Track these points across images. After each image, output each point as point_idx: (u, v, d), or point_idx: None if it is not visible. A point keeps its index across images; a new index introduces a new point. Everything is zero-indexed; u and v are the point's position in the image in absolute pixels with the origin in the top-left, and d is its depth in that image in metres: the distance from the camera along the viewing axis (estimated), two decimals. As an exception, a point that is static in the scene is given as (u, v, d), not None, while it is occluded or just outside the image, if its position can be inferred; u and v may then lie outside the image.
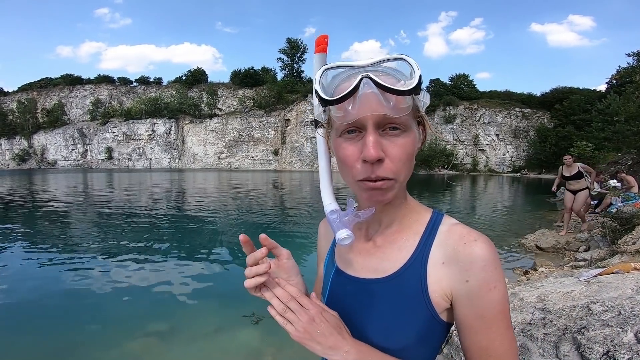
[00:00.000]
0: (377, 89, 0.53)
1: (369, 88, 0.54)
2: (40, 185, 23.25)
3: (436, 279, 0.60)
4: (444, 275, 0.60)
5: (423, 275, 0.61)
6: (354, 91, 0.54)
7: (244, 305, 3.91)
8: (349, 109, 0.55)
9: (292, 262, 0.67)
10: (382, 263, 0.66)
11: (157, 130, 71.11)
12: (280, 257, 0.66)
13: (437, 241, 0.63)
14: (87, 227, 8.81)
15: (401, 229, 0.67)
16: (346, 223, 0.62)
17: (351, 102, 0.55)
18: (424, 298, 0.60)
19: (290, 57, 74.96)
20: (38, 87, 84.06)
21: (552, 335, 1.68)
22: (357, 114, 0.55)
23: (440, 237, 0.63)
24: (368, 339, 0.63)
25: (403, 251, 0.65)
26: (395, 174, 0.57)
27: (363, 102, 0.54)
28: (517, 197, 19.67)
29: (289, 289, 0.62)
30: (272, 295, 0.61)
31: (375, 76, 0.54)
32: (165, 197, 17.06)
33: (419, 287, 0.61)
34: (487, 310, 0.56)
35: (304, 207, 13.24)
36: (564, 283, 2.83)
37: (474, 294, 0.57)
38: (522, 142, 57.85)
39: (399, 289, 0.62)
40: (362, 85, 0.54)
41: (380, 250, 0.67)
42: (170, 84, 78.31)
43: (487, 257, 0.57)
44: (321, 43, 0.67)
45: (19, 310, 3.97)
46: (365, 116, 0.55)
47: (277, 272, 0.65)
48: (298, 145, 63.30)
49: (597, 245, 5.45)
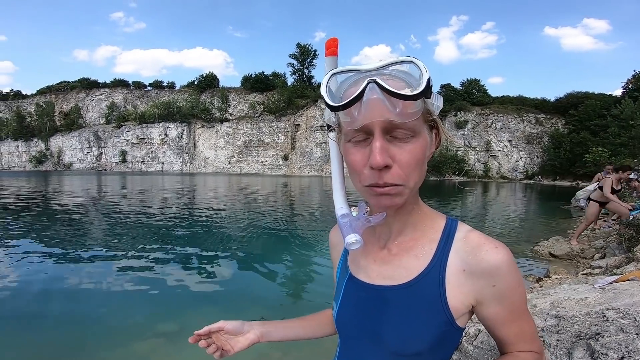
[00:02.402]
0: (383, 94, 0.52)
1: (375, 93, 0.53)
2: (57, 187, 23.82)
3: (456, 285, 0.62)
4: (466, 281, 0.61)
5: (442, 283, 0.62)
6: (359, 97, 0.53)
7: (252, 309, 3.94)
8: (355, 115, 0.55)
9: (228, 326, 0.83)
10: (398, 270, 0.66)
11: (169, 134, 72.37)
12: (219, 330, 0.83)
13: (454, 248, 0.63)
14: (99, 228, 8.98)
15: (416, 236, 0.67)
16: (356, 227, 0.62)
17: (357, 107, 0.54)
18: (442, 304, 0.61)
19: (300, 62, 75.48)
20: (56, 91, 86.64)
21: (565, 342, 1.65)
22: (363, 119, 0.54)
23: (457, 244, 0.64)
24: (382, 344, 0.64)
25: (420, 259, 0.65)
26: (403, 180, 0.56)
27: (369, 108, 0.53)
28: (531, 204, 19.33)
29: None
30: None
31: (382, 80, 0.52)
32: (176, 200, 17.28)
33: (437, 294, 0.62)
34: (515, 305, 0.62)
35: (313, 212, 13.25)
36: (579, 290, 2.77)
37: (503, 295, 0.60)
38: (535, 148, 57.02)
39: (416, 295, 0.63)
40: (367, 91, 0.53)
41: (396, 258, 0.67)
42: (182, 88, 79.79)
43: (510, 261, 0.60)
44: (331, 46, 0.67)
45: (27, 309, 4.03)
46: (372, 122, 0.54)
47: (226, 336, 0.85)
48: (308, 150, 63.52)
49: (612, 253, 5.32)
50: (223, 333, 0.84)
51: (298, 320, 0.93)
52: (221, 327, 0.83)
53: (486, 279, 0.60)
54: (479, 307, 0.63)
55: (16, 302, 4.18)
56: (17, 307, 4.07)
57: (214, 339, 0.84)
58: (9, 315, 3.85)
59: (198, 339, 0.82)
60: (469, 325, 2.37)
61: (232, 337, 0.84)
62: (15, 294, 4.40)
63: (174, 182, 31.60)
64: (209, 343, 0.83)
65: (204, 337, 0.83)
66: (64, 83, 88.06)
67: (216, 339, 0.84)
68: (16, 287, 4.66)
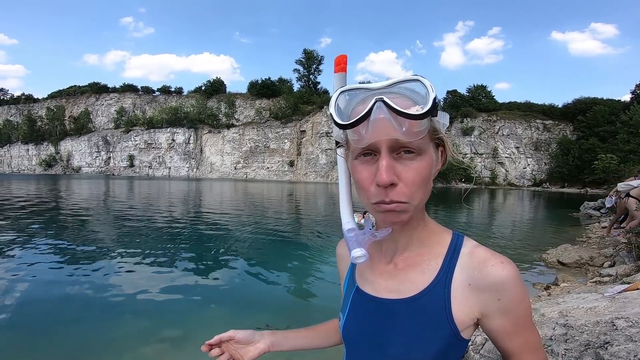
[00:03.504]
0: (390, 112, 0.54)
1: (382, 112, 0.54)
2: (66, 190, 24.13)
3: (461, 299, 0.63)
4: (472, 296, 0.62)
5: (447, 297, 0.63)
6: (367, 115, 0.55)
7: (257, 316, 3.94)
8: (362, 133, 0.56)
9: (238, 335, 0.84)
10: (404, 284, 0.67)
11: (176, 139, 73.03)
12: (230, 340, 0.84)
13: (460, 263, 0.65)
14: (106, 232, 9.06)
15: (422, 251, 0.68)
16: (362, 242, 0.63)
17: (365, 126, 0.56)
18: (447, 318, 0.62)
19: (306, 68, 75.71)
20: (67, 95, 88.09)
21: (574, 351, 1.64)
22: (370, 138, 0.56)
23: (463, 259, 0.65)
24: (387, 354, 0.65)
25: (426, 274, 0.66)
26: (408, 198, 0.58)
27: (376, 127, 0.55)
28: (539, 211, 19.10)
29: None
30: None
31: (389, 99, 0.54)
32: (183, 205, 17.41)
33: (443, 308, 0.63)
34: (520, 317, 0.62)
35: (319, 219, 13.24)
36: (588, 299, 2.74)
37: (508, 309, 0.61)
38: (543, 154, 56.43)
39: (422, 309, 0.64)
40: (374, 109, 0.54)
41: (402, 273, 0.68)
42: (190, 93, 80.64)
43: (515, 276, 0.61)
44: (340, 62, 0.68)
45: (34, 313, 4.04)
46: (379, 140, 0.56)
47: (236, 345, 0.85)
48: (313, 156, 63.58)
49: (622, 261, 5.23)
50: (233, 342, 0.85)
51: (306, 330, 0.94)
52: (232, 336, 0.84)
53: (491, 293, 0.61)
54: (484, 319, 0.64)
55: (23, 307, 4.20)
56: (24, 311, 4.10)
57: (224, 347, 0.85)
58: (16, 320, 3.88)
59: (210, 348, 0.84)
60: (475, 334, 2.36)
61: (242, 347, 0.85)
62: (22, 299, 4.44)
63: (180, 187, 31.83)
64: (222, 351, 0.84)
65: (215, 346, 0.84)
66: (75, 87, 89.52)
67: (226, 348, 0.85)
68: (23, 291, 4.70)
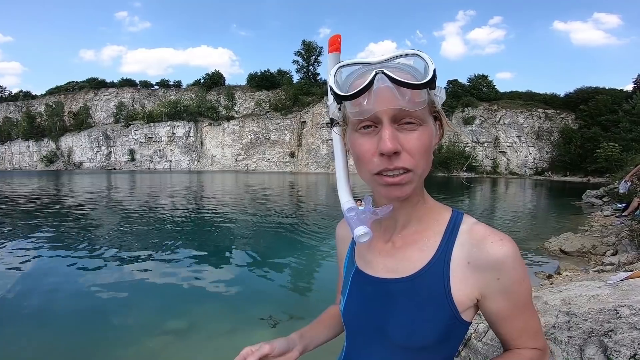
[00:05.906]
0: (392, 83, 0.54)
1: (384, 82, 0.54)
2: (69, 186, 24.20)
3: (461, 279, 0.61)
4: (471, 274, 0.61)
5: (446, 276, 0.61)
6: (369, 86, 0.55)
7: (261, 308, 3.95)
8: (364, 104, 0.56)
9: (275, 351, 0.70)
10: (402, 263, 0.66)
11: (177, 132, 72.84)
12: (267, 356, 0.70)
13: (459, 241, 0.63)
14: (109, 226, 9.10)
15: (421, 229, 0.67)
16: (364, 220, 0.61)
17: (366, 97, 0.55)
18: (447, 298, 0.61)
19: (305, 59, 75.15)
20: (65, 91, 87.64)
21: (577, 339, 1.63)
22: (372, 108, 0.55)
23: (462, 236, 0.63)
24: (388, 338, 0.64)
25: (424, 251, 0.65)
26: (413, 166, 0.57)
27: (378, 97, 0.55)
28: (540, 200, 19.10)
29: None
30: None
31: (389, 72, 0.54)
32: (185, 198, 17.44)
33: (442, 287, 0.61)
34: (520, 300, 0.61)
35: (320, 209, 13.25)
36: (590, 287, 2.73)
37: (508, 289, 0.60)
38: (545, 143, 56.22)
39: (420, 288, 0.63)
40: (376, 80, 0.54)
41: (400, 251, 0.67)
42: (189, 87, 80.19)
43: (515, 255, 0.59)
44: (334, 43, 0.68)
45: (40, 307, 4.08)
46: (381, 110, 0.55)
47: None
48: (314, 147, 63.45)
49: (624, 249, 5.23)
50: (271, 358, 0.72)
51: (321, 323, 0.88)
52: (268, 352, 0.71)
53: (490, 272, 0.59)
54: (484, 301, 0.62)
55: (29, 301, 4.24)
56: (30, 305, 4.13)
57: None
58: (22, 314, 3.92)
59: None
60: (477, 322, 2.36)
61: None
62: (28, 293, 4.48)
63: (182, 180, 31.86)
64: None
65: None
66: (72, 83, 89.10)
67: None
68: (29, 285, 4.75)
